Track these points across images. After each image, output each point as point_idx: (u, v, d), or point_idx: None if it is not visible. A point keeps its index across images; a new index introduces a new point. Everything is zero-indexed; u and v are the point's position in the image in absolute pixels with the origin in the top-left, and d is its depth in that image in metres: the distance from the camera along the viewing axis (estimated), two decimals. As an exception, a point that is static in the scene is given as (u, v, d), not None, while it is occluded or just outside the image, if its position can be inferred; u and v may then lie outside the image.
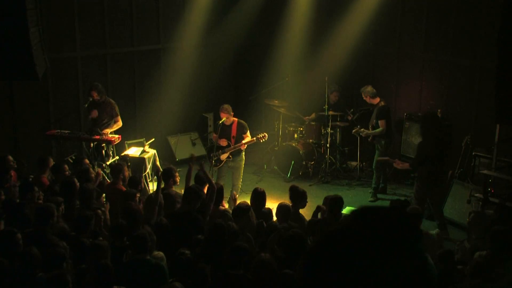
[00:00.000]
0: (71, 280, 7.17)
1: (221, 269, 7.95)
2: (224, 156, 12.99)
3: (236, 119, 13.17)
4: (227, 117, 13.01)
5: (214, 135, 13.40)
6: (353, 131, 14.10)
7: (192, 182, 10.92)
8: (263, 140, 13.34)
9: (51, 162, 11.55)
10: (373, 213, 1.94)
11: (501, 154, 12.34)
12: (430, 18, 14.68)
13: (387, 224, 1.89)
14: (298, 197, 10.19)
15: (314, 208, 10.28)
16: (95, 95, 13.64)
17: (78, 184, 10.52)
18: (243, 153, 13.11)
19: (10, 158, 11.56)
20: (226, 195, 11.67)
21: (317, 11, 16.04)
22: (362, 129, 13.38)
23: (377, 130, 13.48)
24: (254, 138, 13.11)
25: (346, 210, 10.45)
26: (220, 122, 13.11)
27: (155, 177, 13.84)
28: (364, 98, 14.06)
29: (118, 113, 13.90)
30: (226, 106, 13.10)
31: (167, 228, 9.59)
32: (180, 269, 8.01)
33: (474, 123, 13.54)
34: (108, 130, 13.58)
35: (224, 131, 13.11)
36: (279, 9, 16.17)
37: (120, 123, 13.90)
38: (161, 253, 8.56)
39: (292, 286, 7.10)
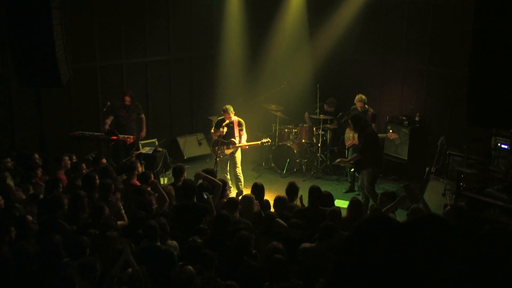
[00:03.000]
0: (99, 268, 7.20)
1: (227, 254, 7.97)
2: (228, 152, 13.04)
3: (237, 118, 13.17)
4: (228, 117, 12.97)
5: (215, 130, 13.23)
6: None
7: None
8: (267, 144, 13.39)
9: (67, 161, 11.58)
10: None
11: (472, 152, 12.39)
12: (410, 31, 14.66)
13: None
14: (293, 192, 10.20)
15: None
16: (128, 100, 13.80)
17: (98, 179, 10.60)
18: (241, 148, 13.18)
19: (37, 156, 11.50)
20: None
21: (306, 25, 16.03)
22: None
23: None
24: (259, 142, 13.29)
25: (337, 203, 10.41)
26: (219, 118, 13.23)
27: (166, 172, 13.86)
28: (358, 105, 14.02)
29: (142, 113, 14.21)
30: (227, 106, 13.04)
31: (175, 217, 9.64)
32: (191, 254, 7.98)
33: (448, 125, 13.57)
34: (143, 133, 14.05)
35: (229, 129, 13.07)
36: (273, 25, 16.13)
37: (143, 133, 14.25)
38: (174, 242, 8.57)
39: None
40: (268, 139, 13.54)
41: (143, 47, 15.51)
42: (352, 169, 13.19)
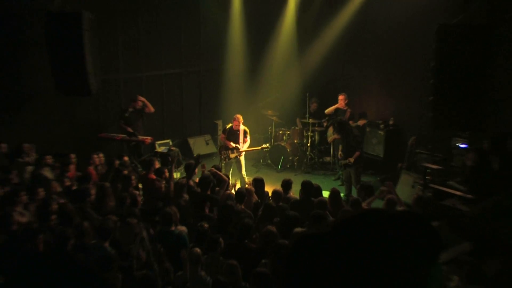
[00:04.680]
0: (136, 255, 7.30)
1: (230, 238, 8.04)
2: (233, 156, 12.87)
3: (243, 127, 12.93)
4: (237, 124, 12.78)
5: (223, 135, 13.16)
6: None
7: (198, 173, 11.03)
8: (266, 149, 13.47)
9: (95, 158, 11.69)
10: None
11: (436, 151, 12.60)
12: (383, 50, 14.71)
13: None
14: (287, 186, 10.23)
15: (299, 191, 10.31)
16: (140, 104, 13.84)
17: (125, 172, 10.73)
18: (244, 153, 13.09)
19: (72, 155, 11.64)
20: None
21: (296, 45, 16.09)
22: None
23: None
24: (260, 147, 13.25)
25: (324, 194, 10.49)
26: (233, 128, 12.92)
27: (178, 168, 13.94)
28: (343, 101, 14.19)
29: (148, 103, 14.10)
30: (238, 115, 12.86)
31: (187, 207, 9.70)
32: (199, 238, 8.01)
33: (417, 128, 13.51)
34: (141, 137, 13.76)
35: (233, 134, 12.87)
36: (269, 43, 16.22)
37: (152, 108, 14.15)
38: (183, 227, 8.59)
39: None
40: (268, 145, 13.55)
41: (159, 62, 15.53)
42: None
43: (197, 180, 10.66)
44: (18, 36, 12.50)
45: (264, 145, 13.46)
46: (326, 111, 14.53)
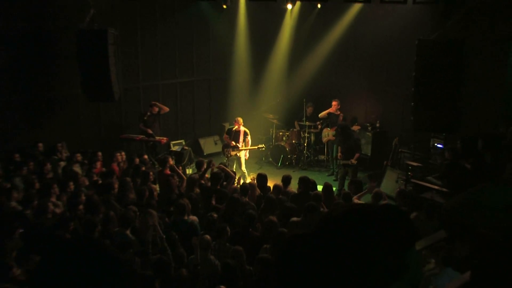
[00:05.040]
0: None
1: (236, 227, 8.07)
2: (233, 153, 13.04)
3: (243, 128, 13.10)
4: (238, 126, 13.01)
5: (226, 136, 13.32)
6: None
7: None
8: (262, 149, 13.51)
9: (118, 156, 11.78)
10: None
11: (417, 150, 12.61)
12: (372, 60, 14.75)
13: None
14: (287, 181, 10.26)
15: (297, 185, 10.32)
16: (156, 109, 13.83)
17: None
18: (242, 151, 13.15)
19: (99, 153, 11.68)
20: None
21: (295, 55, 16.07)
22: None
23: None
24: (256, 147, 13.21)
25: (319, 188, 10.50)
26: (233, 129, 13.11)
27: (190, 165, 13.97)
28: (336, 107, 14.16)
29: (162, 106, 14.07)
30: (238, 118, 13.12)
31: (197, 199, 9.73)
32: (208, 226, 8.09)
33: (400, 130, 13.52)
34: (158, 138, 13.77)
35: (235, 135, 13.06)
36: (270, 55, 16.21)
37: (166, 108, 14.15)
38: (195, 217, 8.61)
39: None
40: (263, 145, 13.52)
41: (174, 71, 15.52)
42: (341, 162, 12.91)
43: (207, 175, 10.72)
44: (53, 50, 12.64)
45: (260, 145, 13.42)
46: (320, 115, 14.55)
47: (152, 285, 5.95)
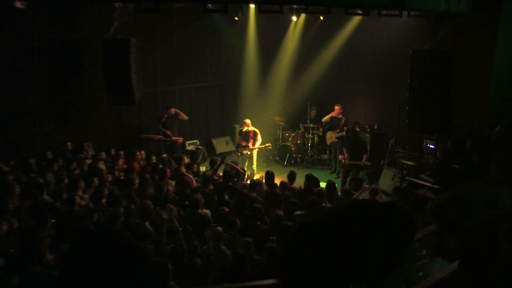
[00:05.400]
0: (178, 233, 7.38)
1: (245, 220, 8.09)
2: (244, 152, 13.13)
3: (253, 128, 13.19)
4: (247, 127, 13.13)
5: (239, 137, 13.47)
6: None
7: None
8: (268, 148, 13.54)
9: (137, 155, 11.78)
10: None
11: (412, 150, 12.57)
12: (371, 68, 14.72)
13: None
14: (292, 178, 10.28)
15: (302, 181, 10.41)
16: (173, 111, 13.88)
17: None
18: (255, 150, 13.23)
19: (121, 152, 11.74)
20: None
21: (300, 62, 16.04)
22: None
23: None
24: (263, 146, 13.26)
25: (322, 184, 10.51)
26: (244, 130, 13.23)
27: (204, 163, 14.01)
28: (338, 111, 14.13)
29: (181, 113, 14.12)
30: (246, 120, 13.26)
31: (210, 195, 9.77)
32: (220, 219, 8.11)
33: (396, 131, 13.48)
34: (174, 138, 13.80)
35: (245, 135, 13.16)
36: (277, 61, 16.18)
37: (185, 116, 14.18)
38: (208, 210, 8.62)
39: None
40: (270, 144, 13.57)
41: (189, 77, 15.57)
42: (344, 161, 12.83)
43: (220, 173, 10.76)
44: (81, 58, 12.83)
45: (267, 144, 13.47)
46: (323, 119, 14.49)
47: (166, 272, 5.97)
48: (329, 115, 14.29)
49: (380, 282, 1.42)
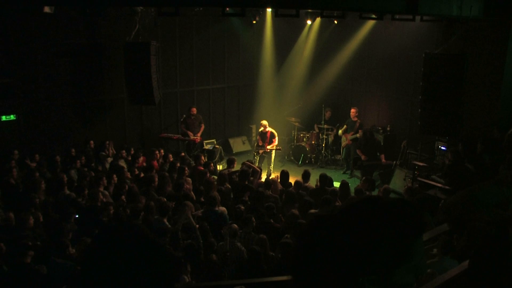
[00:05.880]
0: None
1: (260, 218, 8.07)
2: (261, 151, 13.20)
3: (270, 129, 13.23)
4: (264, 128, 13.18)
5: (258, 137, 13.55)
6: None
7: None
8: (279, 149, 13.57)
9: (156, 153, 11.79)
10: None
11: (423, 152, 12.46)
12: (383, 72, 14.64)
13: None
14: (306, 177, 10.27)
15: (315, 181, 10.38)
16: (195, 111, 13.95)
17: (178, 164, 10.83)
18: (273, 150, 13.29)
19: (141, 150, 11.82)
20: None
21: (315, 64, 15.98)
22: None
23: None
24: (274, 148, 13.25)
25: (335, 184, 10.50)
26: (260, 130, 13.32)
27: (221, 162, 14.04)
28: (354, 114, 14.11)
29: (202, 121, 14.14)
30: (262, 121, 13.33)
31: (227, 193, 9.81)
32: (236, 217, 8.14)
33: (408, 133, 13.40)
34: (199, 134, 13.85)
35: (263, 136, 13.24)
36: (293, 63, 16.17)
37: (203, 126, 14.12)
38: (224, 208, 8.67)
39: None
40: (280, 147, 13.58)
41: (208, 79, 15.59)
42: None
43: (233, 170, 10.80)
44: (104, 60, 12.98)
45: (279, 147, 13.52)
46: (339, 132, 14.53)
47: (179, 266, 6.01)
48: (344, 127, 14.32)
49: (389, 275, 1.41)
